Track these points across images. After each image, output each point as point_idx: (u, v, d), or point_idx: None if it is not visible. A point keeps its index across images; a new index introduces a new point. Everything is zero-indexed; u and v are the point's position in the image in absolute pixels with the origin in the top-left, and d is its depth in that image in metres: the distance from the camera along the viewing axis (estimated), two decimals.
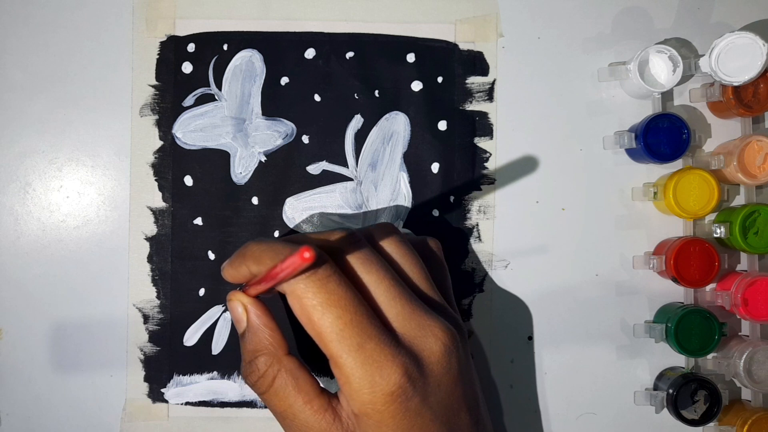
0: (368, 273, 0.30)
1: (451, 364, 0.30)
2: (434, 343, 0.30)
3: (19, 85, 0.40)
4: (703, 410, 0.38)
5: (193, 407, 0.40)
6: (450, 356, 0.30)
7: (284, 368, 0.31)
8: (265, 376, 0.31)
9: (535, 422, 0.41)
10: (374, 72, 0.40)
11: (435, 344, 0.30)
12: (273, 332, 0.31)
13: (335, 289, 0.28)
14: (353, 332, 0.28)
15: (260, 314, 0.31)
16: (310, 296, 0.28)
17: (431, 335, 0.30)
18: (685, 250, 0.38)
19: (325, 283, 0.28)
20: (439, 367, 0.30)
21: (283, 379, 0.30)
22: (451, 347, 0.30)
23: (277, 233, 0.40)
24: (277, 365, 0.31)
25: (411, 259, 0.33)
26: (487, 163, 0.41)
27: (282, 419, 0.31)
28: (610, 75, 0.40)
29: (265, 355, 0.31)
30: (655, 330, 0.39)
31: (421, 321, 0.30)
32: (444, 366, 0.30)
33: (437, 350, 0.30)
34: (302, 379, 0.31)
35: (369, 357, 0.28)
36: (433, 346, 0.30)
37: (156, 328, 0.40)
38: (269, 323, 0.31)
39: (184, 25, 0.40)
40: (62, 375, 0.40)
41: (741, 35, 0.37)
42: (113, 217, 0.40)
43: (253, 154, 0.40)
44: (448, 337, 0.30)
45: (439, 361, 0.30)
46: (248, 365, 0.31)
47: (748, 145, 0.38)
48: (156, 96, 0.40)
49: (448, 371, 0.30)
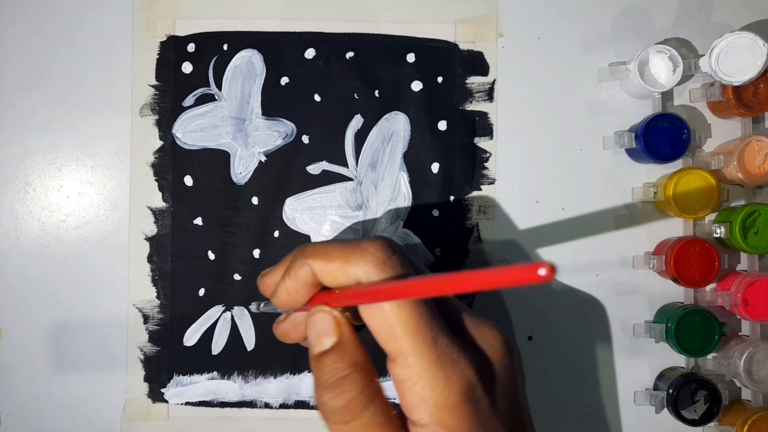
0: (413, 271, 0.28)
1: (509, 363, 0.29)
2: (496, 343, 0.28)
3: (19, 85, 0.40)
4: (703, 410, 0.38)
5: (193, 407, 0.40)
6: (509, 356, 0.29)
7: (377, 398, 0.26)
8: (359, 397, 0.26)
9: (535, 422, 0.41)
10: (374, 72, 0.40)
11: (496, 344, 0.28)
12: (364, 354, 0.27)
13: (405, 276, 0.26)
14: (427, 326, 0.26)
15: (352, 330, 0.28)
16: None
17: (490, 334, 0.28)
18: (685, 250, 0.38)
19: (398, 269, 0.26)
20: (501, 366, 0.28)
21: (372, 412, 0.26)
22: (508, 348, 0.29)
23: (277, 233, 0.40)
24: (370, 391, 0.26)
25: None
26: (487, 163, 0.41)
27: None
28: (610, 75, 0.40)
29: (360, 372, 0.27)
30: (655, 330, 0.39)
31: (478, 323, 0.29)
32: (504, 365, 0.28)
33: (498, 349, 0.28)
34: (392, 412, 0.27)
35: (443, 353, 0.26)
36: (495, 345, 0.28)
37: (156, 328, 0.40)
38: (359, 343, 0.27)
39: (184, 25, 0.40)
40: (62, 375, 0.40)
41: (741, 35, 0.37)
42: (113, 217, 0.40)
43: (253, 154, 0.40)
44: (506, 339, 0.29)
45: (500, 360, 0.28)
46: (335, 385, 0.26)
47: (748, 145, 0.38)
48: (156, 96, 0.40)
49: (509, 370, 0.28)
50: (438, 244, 0.40)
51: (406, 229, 0.40)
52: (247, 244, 0.40)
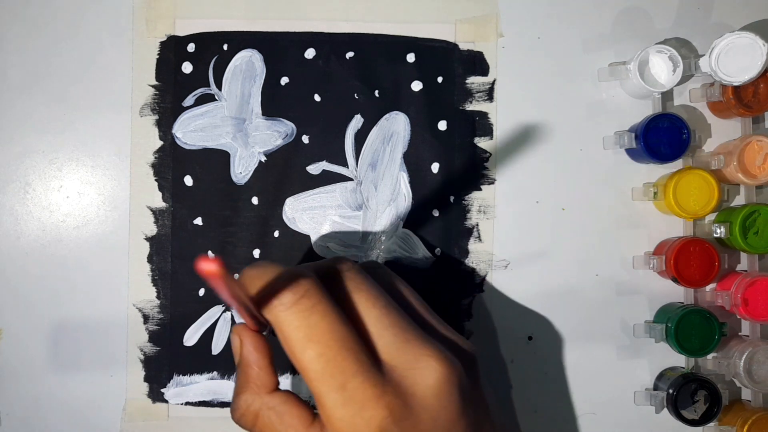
0: (360, 300, 0.29)
1: (450, 397, 0.28)
2: (429, 376, 0.28)
3: (19, 85, 0.40)
4: (703, 410, 0.38)
5: (193, 407, 0.40)
6: (448, 389, 0.28)
7: (266, 406, 0.29)
8: (246, 414, 0.30)
9: (535, 422, 0.41)
10: (374, 72, 0.40)
11: (430, 377, 0.28)
12: (261, 370, 0.30)
13: (318, 323, 0.27)
14: (335, 371, 0.27)
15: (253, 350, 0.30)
16: (292, 329, 0.27)
17: (426, 367, 0.28)
18: (685, 250, 0.38)
19: (308, 316, 0.27)
20: (435, 402, 0.28)
21: (266, 416, 0.29)
22: (449, 379, 0.28)
23: (277, 233, 0.40)
24: (258, 403, 0.29)
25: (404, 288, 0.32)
26: (487, 163, 0.41)
27: None
28: (610, 75, 0.40)
29: (245, 393, 0.30)
30: (655, 330, 0.39)
31: (417, 351, 0.28)
32: (441, 400, 0.28)
33: (432, 384, 0.28)
34: (288, 414, 0.29)
35: (351, 398, 0.27)
36: (428, 379, 0.28)
37: (156, 328, 0.40)
38: (260, 360, 0.30)
39: (184, 25, 0.40)
40: (62, 375, 0.40)
41: (741, 35, 0.37)
42: (113, 217, 0.40)
43: (253, 154, 0.40)
44: (446, 369, 0.28)
45: (435, 395, 0.28)
46: (233, 402, 0.31)
47: (748, 145, 0.38)
48: (156, 96, 0.40)
49: (447, 405, 0.28)
50: (438, 244, 0.40)
51: (406, 229, 0.40)
52: (247, 244, 0.40)
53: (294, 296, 0.27)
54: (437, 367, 0.28)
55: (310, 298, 0.27)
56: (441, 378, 0.28)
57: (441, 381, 0.28)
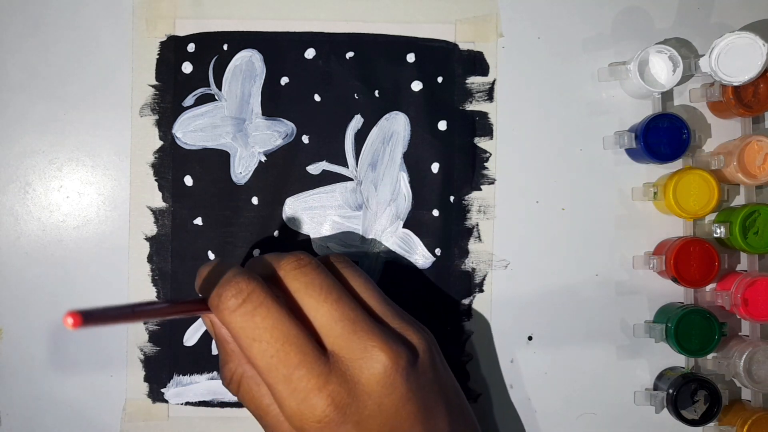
0: (309, 296, 0.31)
1: (394, 384, 0.30)
2: (375, 364, 0.30)
3: (19, 86, 0.40)
4: (703, 410, 0.38)
5: (193, 407, 0.40)
6: (392, 376, 0.30)
7: (246, 374, 0.32)
8: (232, 381, 0.32)
9: (535, 422, 0.41)
10: (374, 72, 0.40)
11: (376, 365, 0.30)
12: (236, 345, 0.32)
13: (261, 322, 0.29)
14: (280, 364, 0.29)
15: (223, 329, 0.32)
16: (238, 330, 0.29)
17: (372, 356, 0.30)
18: (685, 250, 0.38)
19: (252, 317, 0.29)
20: (380, 389, 0.30)
21: (247, 381, 0.32)
22: (394, 367, 0.30)
23: (277, 233, 0.40)
24: (240, 369, 0.32)
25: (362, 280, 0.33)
26: (487, 163, 0.41)
27: (258, 417, 0.32)
28: (610, 75, 0.40)
29: (229, 363, 0.32)
30: (655, 330, 0.39)
31: (363, 342, 0.30)
32: (386, 387, 0.30)
33: (377, 371, 0.30)
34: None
35: (296, 389, 0.29)
36: (373, 367, 0.30)
37: (156, 328, 0.40)
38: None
39: (184, 25, 0.40)
40: (62, 375, 0.40)
41: (741, 35, 0.37)
42: (113, 217, 0.40)
43: (253, 154, 0.40)
44: (391, 357, 0.30)
45: (379, 382, 0.30)
46: (220, 372, 0.33)
47: (748, 145, 0.38)
48: (156, 96, 0.40)
49: (392, 392, 0.30)
50: (438, 244, 0.40)
51: (406, 229, 0.40)
52: (247, 244, 0.40)
53: (237, 300, 0.29)
54: (381, 356, 0.30)
55: (253, 301, 0.29)
56: (385, 366, 0.30)
57: (385, 369, 0.30)
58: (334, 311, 0.31)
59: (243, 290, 0.29)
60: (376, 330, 0.31)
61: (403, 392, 0.30)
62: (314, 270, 0.31)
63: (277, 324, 0.29)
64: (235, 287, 0.29)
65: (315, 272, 0.31)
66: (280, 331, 0.29)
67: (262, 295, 0.29)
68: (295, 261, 0.31)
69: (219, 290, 0.30)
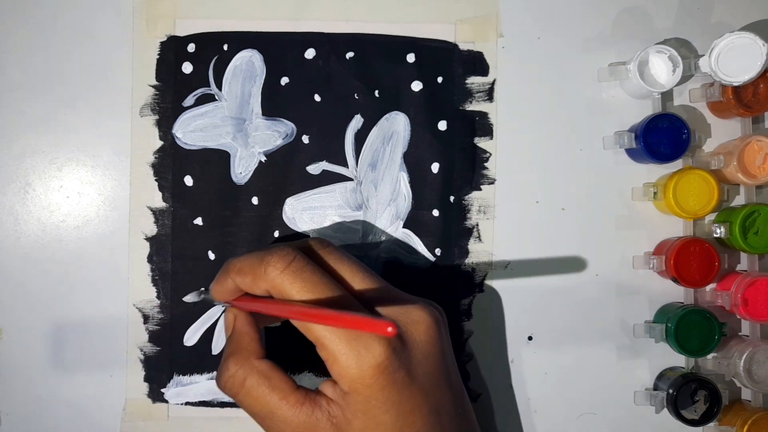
0: (343, 265, 0.33)
1: (436, 337, 0.32)
2: (419, 316, 0.32)
3: (19, 85, 0.40)
4: (703, 410, 0.38)
5: (193, 407, 0.40)
6: (436, 329, 0.32)
7: (255, 370, 0.32)
8: (235, 376, 0.32)
9: (535, 422, 0.41)
10: (374, 72, 0.40)
11: (419, 318, 0.32)
12: (252, 339, 0.33)
13: (310, 276, 0.31)
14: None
15: (246, 323, 0.33)
16: (288, 286, 0.31)
17: (414, 311, 0.32)
18: (685, 250, 0.38)
19: (300, 273, 0.31)
20: (426, 338, 0.32)
21: (254, 380, 0.32)
22: (435, 321, 0.32)
23: (277, 233, 0.40)
24: (248, 366, 0.32)
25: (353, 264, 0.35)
26: (487, 163, 0.41)
27: (261, 420, 0.32)
28: (610, 75, 0.40)
29: (235, 356, 0.32)
30: (655, 330, 0.39)
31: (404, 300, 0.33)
32: (430, 338, 0.32)
33: (422, 322, 0.32)
34: (275, 378, 0.32)
35: (354, 336, 0.30)
36: (418, 318, 0.32)
37: (156, 328, 0.40)
38: (251, 331, 0.33)
39: (184, 25, 0.40)
40: (62, 375, 0.40)
41: (741, 35, 0.37)
42: (113, 217, 0.40)
43: (253, 154, 0.40)
44: (432, 313, 0.32)
45: (426, 332, 0.32)
46: (220, 367, 0.33)
47: (748, 145, 0.38)
48: (156, 96, 0.40)
49: (434, 344, 0.32)
50: (438, 244, 0.40)
51: (406, 229, 0.40)
52: (247, 244, 0.40)
53: (284, 261, 0.31)
54: (423, 312, 0.32)
55: (299, 262, 0.31)
56: (429, 319, 0.32)
57: (429, 322, 0.32)
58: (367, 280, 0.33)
59: (289, 254, 0.31)
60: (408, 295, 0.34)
61: (441, 347, 0.32)
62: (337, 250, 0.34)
63: (325, 279, 0.31)
64: (280, 252, 0.31)
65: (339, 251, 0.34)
66: (327, 284, 0.31)
67: (304, 258, 0.32)
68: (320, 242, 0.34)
69: (266, 258, 0.31)
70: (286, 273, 0.31)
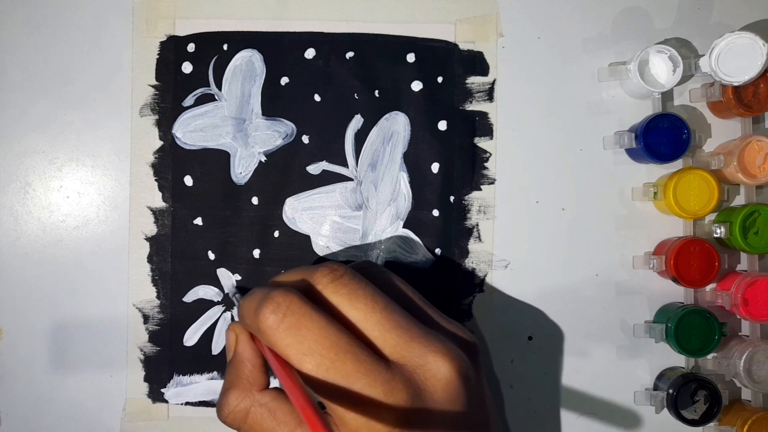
0: (355, 308, 0.29)
1: (458, 389, 0.29)
2: (438, 371, 0.28)
3: (19, 86, 0.40)
4: (703, 410, 0.38)
5: (193, 407, 0.40)
6: (456, 381, 0.28)
7: (257, 403, 0.30)
8: (236, 411, 0.30)
9: (535, 422, 0.41)
10: (374, 72, 0.40)
11: (439, 372, 0.28)
12: (255, 367, 0.31)
13: (309, 332, 0.27)
14: (338, 376, 0.27)
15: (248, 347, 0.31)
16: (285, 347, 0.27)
17: (434, 362, 0.28)
18: (685, 250, 0.38)
19: (296, 331, 0.27)
20: (444, 395, 0.28)
21: (258, 413, 0.30)
22: (457, 373, 0.29)
23: (277, 233, 0.40)
24: (250, 399, 0.30)
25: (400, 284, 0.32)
26: (487, 163, 0.41)
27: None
28: (610, 75, 0.40)
29: (236, 389, 0.30)
30: (655, 330, 0.39)
31: (423, 348, 0.28)
32: (449, 393, 0.28)
33: (441, 377, 0.28)
34: (280, 410, 0.30)
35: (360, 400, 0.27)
36: (437, 374, 0.28)
37: (156, 328, 0.40)
38: (254, 358, 0.31)
39: (184, 25, 0.40)
40: (62, 375, 0.40)
41: (741, 35, 0.37)
42: (113, 217, 0.40)
43: (253, 154, 0.40)
44: (454, 363, 0.29)
45: (444, 388, 0.28)
46: (220, 398, 0.31)
47: (748, 145, 0.38)
48: (156, 96, 0.40)
49: (455, 399, 0.28)
50: (438, 244, 0.40)
51: (406, 229, 0.40)
52: (247, 244, 0.40)
53: (277, 316, 0.27)
54: (444, 363, 0.28)
55: (294, 312, 0.27)
56: (448, 372, 0.28)
57: (449, 374, 0.28)
58: (385, 320, 0.28)
59: (281, 304, 0.27)
60: (431, 336, 0.29)
61: (465, 397, 0.29)
62: (353, 280, 0.29)
63: (326, 333, 0.27)
64: (271, 303, 0.27)
65: (354, 282, 0.29)
66: (330, 340, 0.27)
67: (302, 305, 0.27)
68: (330, 273, 0.29)
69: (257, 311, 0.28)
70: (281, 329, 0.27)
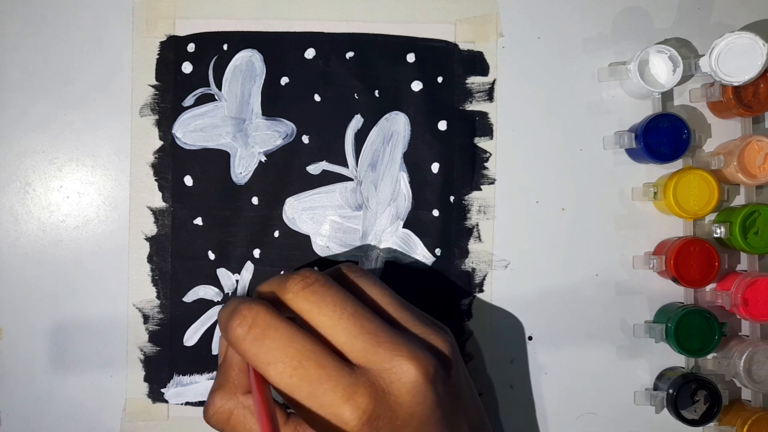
0: (324, 315, 0.29)
1: (426, 393, 0.29)
2: (404, 375, 0.29)
3: (20, 86, 0.40)
4: (703, 410, 0.38)
5: (193, 407, 0.40)
6: (423, 385, 0.29)
7: (241, 404, 0.31)
8: (220, 412, 0.31)
9: (535, 422, 0.41)
10: (374, 72, 0.40)
11: (405, 375, 0.29)
12: (241, 372, 0.31)
13: (272, 342, 0.28)
14: (301, 381, 0.28)
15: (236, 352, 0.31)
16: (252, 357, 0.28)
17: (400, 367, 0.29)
18: (685, 250, 0.38)
19: (261, 343, 0.28)
20: (411, 398, 0.29)
21: (241, 415, 0.31)
22: (424, 376, 0.29)
23: (277, 233, 0.40)
24: (234, 401, 0.31)
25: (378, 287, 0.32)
26: (487, 163, 0.41)
27: None
28: (610, 75, 0.40)
29: (222, 391, 0.31)
30: (655, 330, 0.39)
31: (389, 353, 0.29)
32: (415, 396, 0.29)
33: (407, 381, 0.29)
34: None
35: (323, 404, 0.28)
36: (402, 378, 0.29)
37: (156, 328, 0.40)
38: (241, 363, 0.31)
39: (184, 25, 0.40)
40: (62, 375, 0.40)
41: (741, 35, 0.37)
42: (113, 217, 0.40)
43: (253, 154, 0.40)
44: (420, 366, 0.29)
45: (410, 392, 0.29)
46: (207, 400, 0.32)
47: (748, 145, 0.38)
48: (156, 96, 0.40)
49: (422, 401, 0.29)
50: (438, 244, 0.40)
51: (406, 229, 0.40)
52: (247, 244, 0.40)
53: (243, 328, 0.28)
54: (409, 366, 0.29)
55: (259, 324, 0.28)
56: (414, 375, 0.29)
57: (414, 377, 0.29)
58: (352, 326, 0.29)
59: (247, 317, 0.28)
60: (399, 339, 0.30)
61: (433, 400, 0.29)
62: (323, 286, 0.30)
63: (290, 342, 0.28)
64: (238, 316, 0.29)
65: (324, 288, 0.30)
66: (293, 348, 0.28)
67: (267, 317, 0.29)
68: (300, 280, 0.30)
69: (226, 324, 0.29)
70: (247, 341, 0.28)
